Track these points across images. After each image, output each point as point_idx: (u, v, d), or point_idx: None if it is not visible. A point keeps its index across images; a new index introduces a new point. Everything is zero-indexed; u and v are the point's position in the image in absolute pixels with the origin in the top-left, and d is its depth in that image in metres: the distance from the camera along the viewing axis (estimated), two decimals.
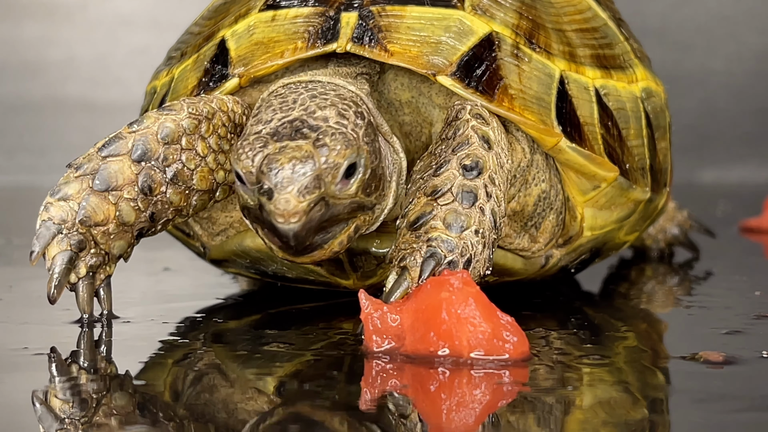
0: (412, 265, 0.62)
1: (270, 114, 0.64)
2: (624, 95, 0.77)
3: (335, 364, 0.59)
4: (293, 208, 0.60)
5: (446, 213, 0.64)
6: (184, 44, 0.80)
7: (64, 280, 0.65)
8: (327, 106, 0.64)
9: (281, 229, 0.60)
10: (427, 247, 0.62)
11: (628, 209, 0.78)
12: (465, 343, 0.56)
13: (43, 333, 0.67)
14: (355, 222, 0.64)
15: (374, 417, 0.51)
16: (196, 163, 0.68)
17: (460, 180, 0.65)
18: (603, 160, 0.73)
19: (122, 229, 0.66)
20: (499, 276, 0.75)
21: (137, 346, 0.65)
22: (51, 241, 0.65)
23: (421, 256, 0.62)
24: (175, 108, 0.68)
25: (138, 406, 0.52)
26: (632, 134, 0.77)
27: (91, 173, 0.66)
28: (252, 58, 0.72)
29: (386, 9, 0.72)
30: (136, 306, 0.77)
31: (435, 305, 0.57)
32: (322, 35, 0.71)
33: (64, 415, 0.51)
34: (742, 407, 0.51)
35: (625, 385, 0.56)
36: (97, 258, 0.66)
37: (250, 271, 0.78)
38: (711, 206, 1.39)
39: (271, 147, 0.61)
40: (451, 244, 0.63)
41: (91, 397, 0.54)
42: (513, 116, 0.69)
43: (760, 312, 0.72)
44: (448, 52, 0.70)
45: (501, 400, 0.53)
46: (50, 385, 0.56)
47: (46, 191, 0.67)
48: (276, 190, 0.60)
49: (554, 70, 0.72)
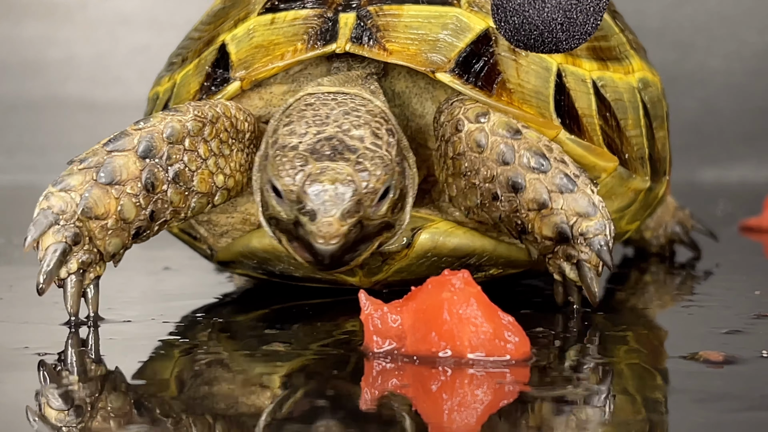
0: (585, 258, 0.67)
1: (304, 127, 0.65)
2: (621, 86, 0.78)
3: (335, 364, 0.59)
4: (335, 231, 0.62)
5: (570, 206, 0.67)
6: (185, 49, 0.80)
7: (55, 272, 0.65)
8: (361, 125, 0.65)
9: (319, 249, 0.62)
10: (587, 240, 0.67)
11: (628, 199, 0.78)
12: (466, 343, 0.56)
13: (43, 333, 0.67)
14: (379, 239, 0.66)
15: (374, 417, 0.51)
16: (197, 164, 0.68)
17: (544, 177, 0.67)
18: (602, 151, 0.73)
19: (121, 225, 0.66)
20: (503, 268, 0.76)
21: (138, 345, 0.65)
22: (47, 231, 0.65)
23: (593, 250, 0.67)
24: (181, 110, 0.69)
25: (138, 405, 0.52)
26: (630, 124, 0.78)
27: (95, 166, 0.66)
28: (253, 61, 0.72)
29: (383, 8, 0.72)
30: (136, 305, 0.77)
31: (436, 305, 0.57)
32: (321, 36, 0.72)
33: (64, 415, 0.51)
34: (742, 407, 0.51)
35: (625, 385, 0.56)
36: (90, 255, 0.66)
37: (257, 272, 0.78)
38: (711, 206, 1.39)
39: (311, 166, 0.62)
40: (601, 223, 0.67)
41: (91, 396, 0.54)
42: (512, 110, 0.70)
43: (760, 311, 0.72)
44: (446, 49, 0.71)
45: (502, 401, 0.53)
46: (50, 386, 0.56)
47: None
48: (319, 213, 0.61)
49: (551, 63, 0.73)
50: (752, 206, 1.29)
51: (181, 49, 0.82)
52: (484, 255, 0.74)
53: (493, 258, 0.74)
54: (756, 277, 0.93)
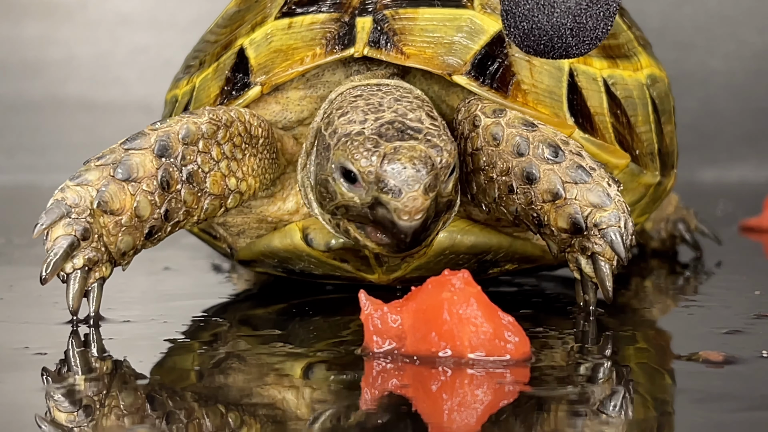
0: (599, 249, 0.67)
1: (361, 115, 0.66)
2: (630, 83, 0.79)
3: (335, 364, 0.59)
4: (420, 205, 0.62)
5: (584, 197, 0.67)
6: (202, 52, 0.81)
7: (60, 264, 0.65)
8: (415, 108, 0.66)
9: (403, 226, 0.62)
10: (600, 231, 0.66)
11: (639, 193, 0.79)
12: (466, 343, 0.56)
13: (43, 333, 0.67)
14: (444, 218, 0.66)
15: (374, 417, 0.51)
16: (210, 166, 0.69)
17: (558, 167, 0.67)
18: (615, 148, 0.75)
19: (135, 223, 0.67)
20: (519, 263, 0.77)
21: (138, 345, 0.65)
22: (58, 221, 0.65)
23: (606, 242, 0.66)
24: (197, 113, 0.70)
25: (138, 405, 0.52)
26: (640, 121, 0.79)
27: (113, 163, 0.67)
28: (272, 65, 0.73)
29: (399, 12, 0.73)
30: (137, 305, 0.77)
31: (436, 305, 0.57)
32: (339, 41, 0.73)
33: (64, 415, 0.51)
34: (742, 407, 0.51)
35: (625, 385, 0.56)
36: (97, 253, 0.66)
37: (277, 270, 0.80)
38: (711, 206, 1.39)
39: (384, 147, 0.63)
40: (615, 214, 0.66)
41: (91, 396, 0.54)
42: (527, 111, 0.71)
43: (760, 311, 0.72)
44: (461, 51, 0.72)
45: (502, 401, 0.53)
46: (49, 386, 0.56)
47: (46, 190, 0.67)
48: (403, 189, 0.62)
49: (563, 62, 0.74)
50: (752, 206, 1.29)
51: (197, 52, 0.83)
52: (500, 251, 0.75)
53: (509, 254, 0.75)
54: (756, 277, 0.93)
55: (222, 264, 0.96)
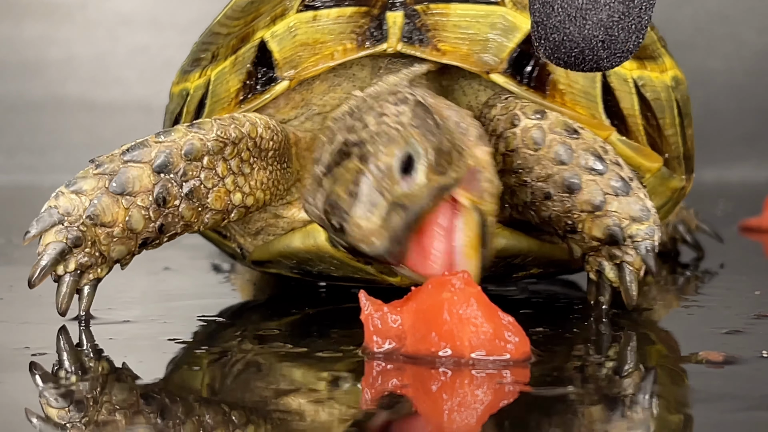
0: (629, 260, 0.67)
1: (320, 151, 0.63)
2: (658, 85, 0.78)
3: (335, 364, 0.59)
4: (368, 231, 0.57)
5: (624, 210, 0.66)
6: (213, 45, 0.79)
7: (50, 270, 0.65)
8: (365, 112, 0.62)
9: (370, 254, 0.59)
10: (634, 243, 0.66)
11: (665, 197, 0.78)
12: (466, 343, 0.56)
13: (43, 333, 0.67)
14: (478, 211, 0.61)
15: (374, 417, 0.51)
16: (213, 182, 0.68)
17: (600, 178, 0.67)
18: (649, 151, 0.74)
19: (127, 235, 0.66)
20: (545, 268, 0.76)
21: (138, 345, 0.65)
22: (50, 229, 0.65)
23: (639, 254, 0.66)
24: (205, 127, 0.68)
25: (137, 405, 0.52)
26: (668, 123, 0.78)
27: (110, 174, 0.66)
28: (300, 60, 0.71)
29: (431, 7, 0.71)
30: (137, 305, 0.77)
31: (436, 305, 0.57)
32: (370, 35, 0.70)
33: (64, 415, 0.51)
34: (742, 407, 0.51)
35: (625, 385, 0.56)
36: (90, 258, 0.66)
37: (293, 272, 0.77)
38: (711, 206, 1.39)
39: (326, 183, 0.60)
40: (651, 229, 0.66)
41: (91, 396, 0.54)
42: (566, 111, 0.70)
43: (760, 312, 0.72)
44: (496, 49, 0.70)
45: (502, 401, 0.53)
46: (49, 386, 0.56)
47: (46, 190, 0.67)
48: (345, 223, 0.58)
49: None
50: (752, 206, 1.29)
51: (207, 44, 0.80)
52: (529, 255, 0.73)
53: (537, 258, 0.74)
54: (756, 277, 0.93)
55: (222, 264, 0.96)
